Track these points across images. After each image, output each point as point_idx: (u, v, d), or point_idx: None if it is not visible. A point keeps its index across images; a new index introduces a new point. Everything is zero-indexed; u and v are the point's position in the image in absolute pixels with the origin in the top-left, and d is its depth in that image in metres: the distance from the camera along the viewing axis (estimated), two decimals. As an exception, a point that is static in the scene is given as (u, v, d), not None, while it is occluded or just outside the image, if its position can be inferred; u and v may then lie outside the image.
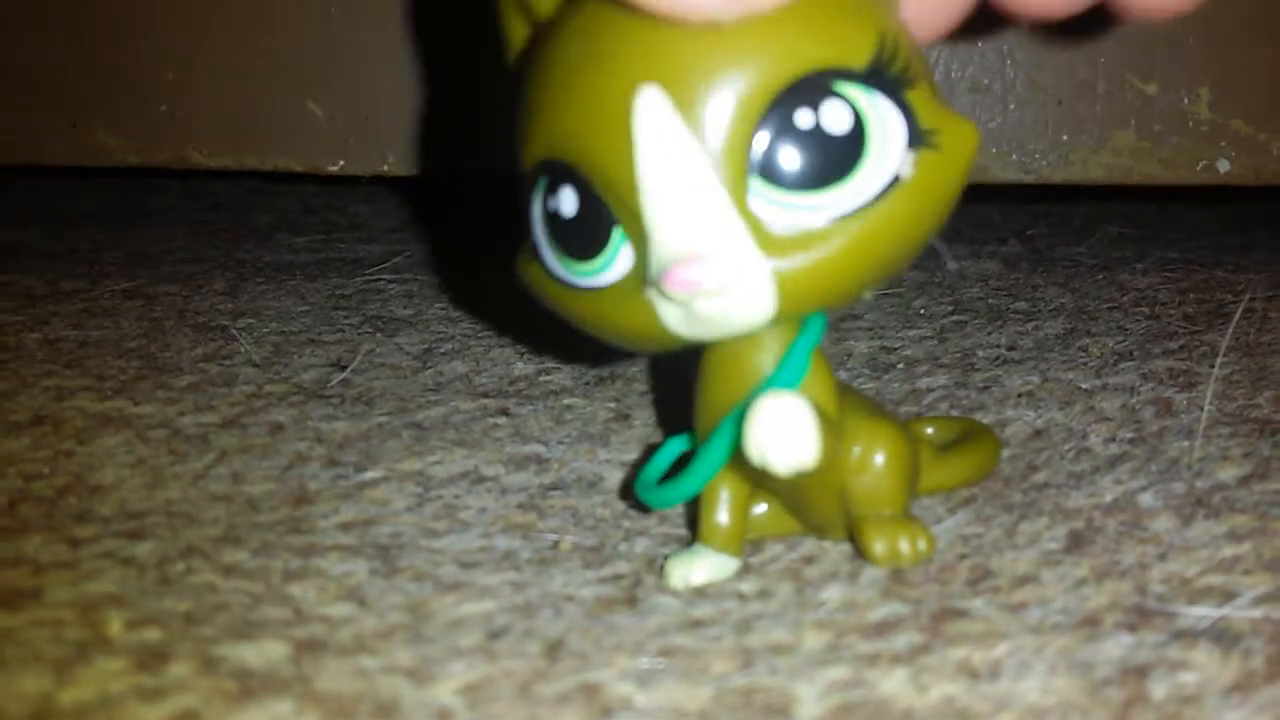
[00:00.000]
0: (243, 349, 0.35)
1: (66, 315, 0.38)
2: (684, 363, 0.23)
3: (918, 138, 0.20)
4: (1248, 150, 0.37)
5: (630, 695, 0.19)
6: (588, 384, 0.32)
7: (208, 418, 0.30)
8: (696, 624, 0.21)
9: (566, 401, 0.31)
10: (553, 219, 0.21)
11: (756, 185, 0.19)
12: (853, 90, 0.19)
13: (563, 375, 0.33)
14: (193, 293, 0.41)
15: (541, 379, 0.33)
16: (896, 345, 0.35)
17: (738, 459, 0.21)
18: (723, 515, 0.23)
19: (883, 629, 0.21)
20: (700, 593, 0.22)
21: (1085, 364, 0.32)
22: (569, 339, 0.35)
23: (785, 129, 0.19)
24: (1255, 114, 0.37)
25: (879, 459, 0.22)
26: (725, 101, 0.19)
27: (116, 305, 0.39)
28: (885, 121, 0.19)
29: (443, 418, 0.30)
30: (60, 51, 0.43)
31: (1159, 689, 0.19)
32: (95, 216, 0.53)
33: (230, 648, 0.20)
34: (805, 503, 0.23)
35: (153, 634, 0.21)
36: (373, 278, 0.42)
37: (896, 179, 0.20)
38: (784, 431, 0.19)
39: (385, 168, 0.42)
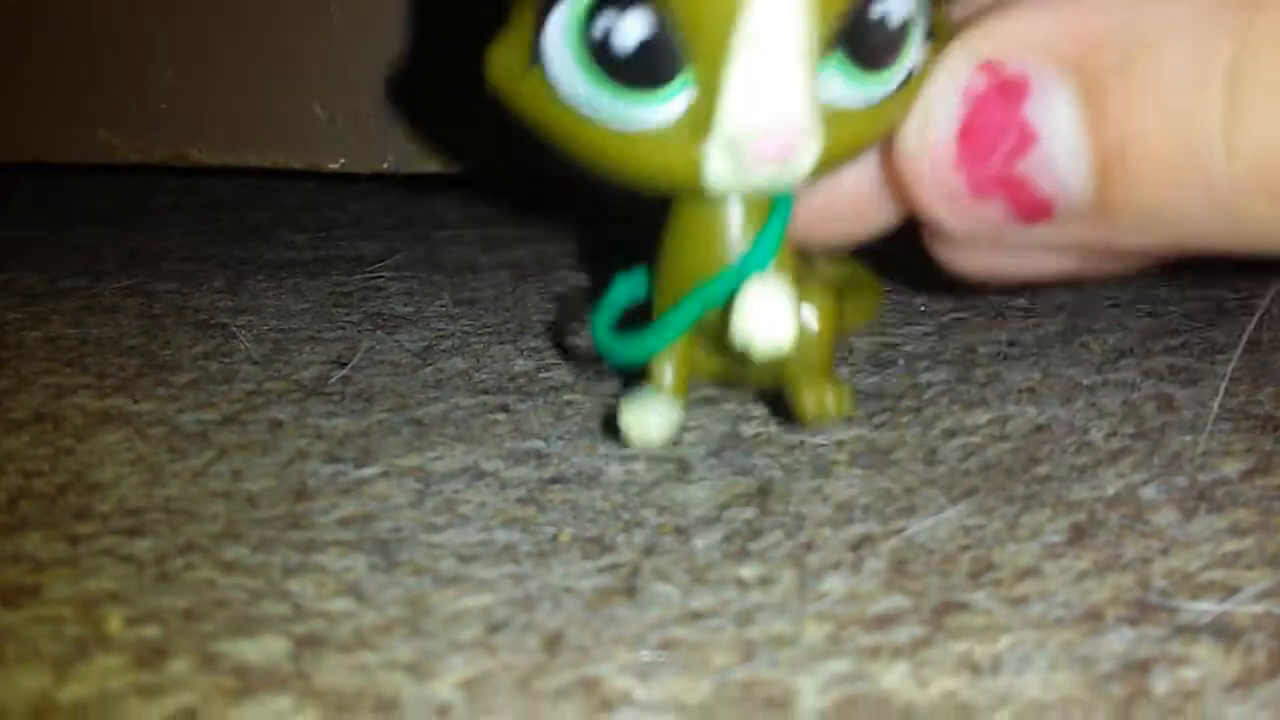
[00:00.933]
0: (242, 346, 0.35)
1: (66, 313, 0.38)
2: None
3: (931, 32, 0.21)
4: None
5: (630, 689, 0.19)
6: (588, 380, 0.32)
7: (207, 415, 0.30)
8: (696, 615, 0.21)
9: (566, 397, 0.31)
10: (600, 37, 0.20)
11: (833, 63, 0.20)
12: None
13: (563, 371, 0.33)
14: (192, 290, 0.41)
15: (541, 375, 0.33)
16: (898, 341, 0.35)
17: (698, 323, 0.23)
18: (670, 365, 0.25)
19: (884, 621, 0.21)
20: (700, 580, 0.22)
21: (1086, 360, 0.32)
22: (569, 335, 0.36)
23: (864, 16, 0.20)
24: None
25: (815, 325, 0.24)
26: None
27: (116, 303, 0.39)
28: (920, 18, 0.21)
29: (443, 414, 0.30)
30: (60, 49, 0.43)
31: (1161, 684, 0.19)
32: (95, 214, 0.53)
33: (230, 644, 0.20)
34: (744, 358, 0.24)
35: (152, 630, 0.21)
36: (373, 275, 0.42)
37: (911, 72, 0.21)
38: (771, 319, 0.21)
39: (385, 166, 0.42)
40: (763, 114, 0.20)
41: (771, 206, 0.23)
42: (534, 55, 0.20)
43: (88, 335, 0.36)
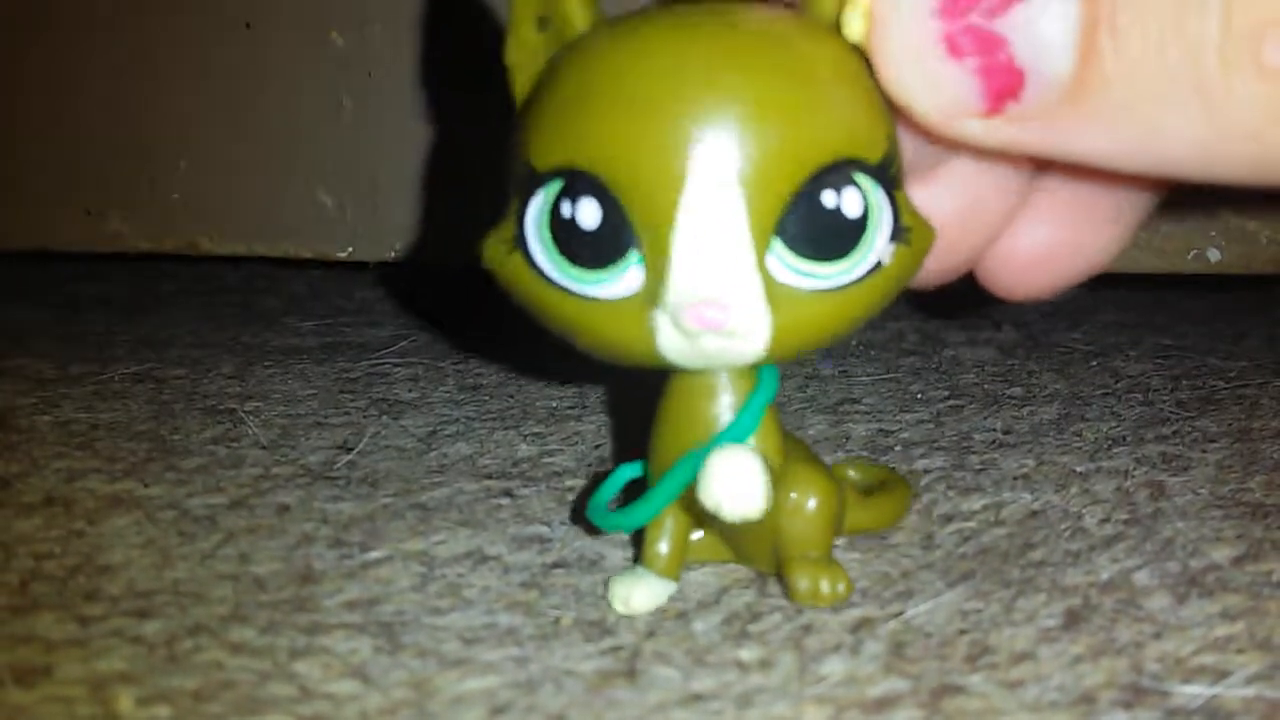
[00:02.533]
0: (250, 431, 0.35)
1: (77, 398, 0.39)
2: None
3: (898, 233, 0.22)
4: (1238, 239, 0.38)
5: (632, 771, 0.19)
6: (590, 466, 0.33)
7: (216, 499, 0.31)
8: (697, 698, 0.21)
9: (569, 483, 0.32)
10: (562, 224, 0.21)
11: (777, 246, 0.21)
12: (866, 182, 0.21)
13: (565, 457, 0.33)
14: (201, 376, 0.41)
15: (545, 460, 0.33)
16: (894, 428, 0.35)
17: (686, 495, 0.23)
18: (664, 543, 0.25)
19: (883, 705, 0.21)
20: (700, 662, 0.23)
21: (1080, 448, 0.33)
22: (571, 421, 0.36)
23: (813, 204, 0.21)
24: (1244, 204, 0.37)
25: (811, 505, 0.25)
26: (772, 166, 0.21)
27: (126, 388, 0.40)
28: (882, 214, 0.22)
29: (447, 499, 0.31)
30: (74, 140, 0.44)
31: (1155, 766, 0.19)
32: (106, 301, 0.53)
33: (237, 724, 0.21)
34: (740, 538, 0.26)
35: (162, 711, 0.21)
36: (379, 361, 0.43)
37: (878, 265, 0.22)
38: (737, 484, 0.22)
39: (392, 254, 0.43)
40: (699, 284, 0.21)
41: (756, 381, 0.24)
42: (516, 241, 0.22)
43: (98, 420, 0.36)
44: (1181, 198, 0.24)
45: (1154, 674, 0.22)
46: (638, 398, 0.25)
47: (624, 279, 0.21)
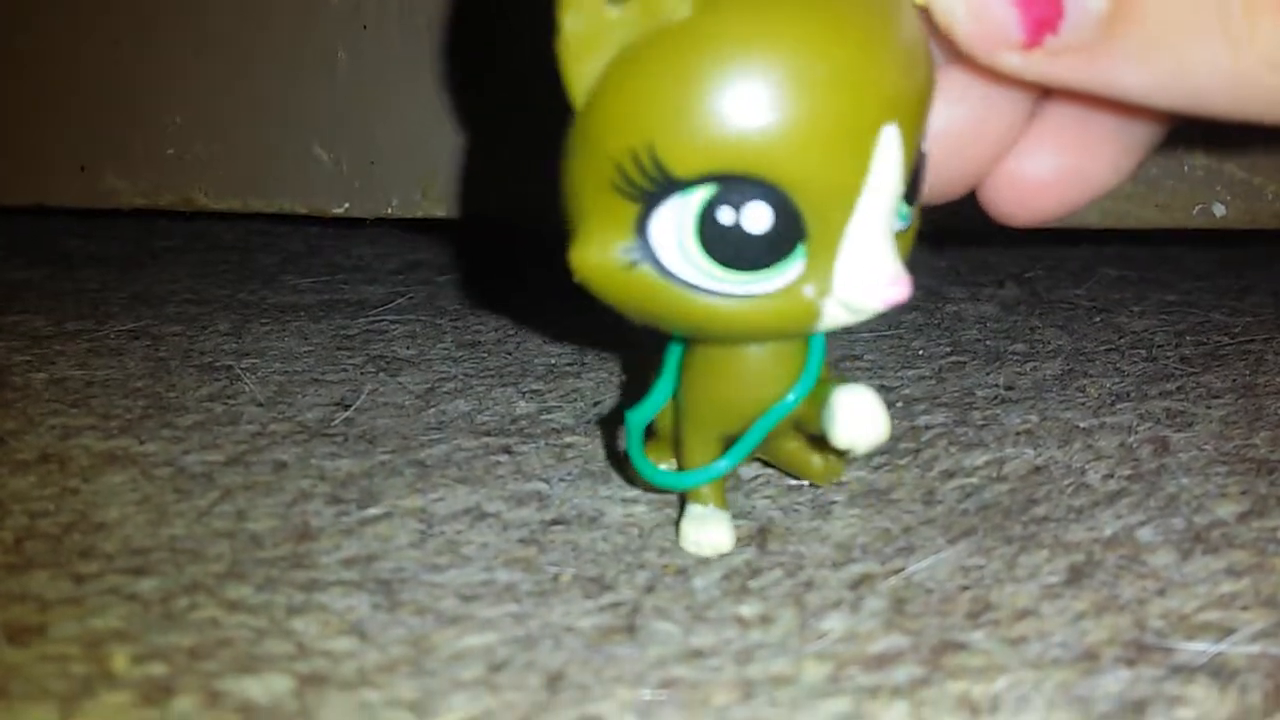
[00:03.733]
0: (247, 388, 0.35)
1: (73, 355, 0.38)
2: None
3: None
4: (1243, 194, 0.37)
5: (631, 728, 0.19)
6: (589, 423, 0.33)
7: (212, 456, 0.30)
8: (696, 654, 0.21)
9: (568, 440, 0.31)
10: (721, 230, 0.20)
11: (899, 205, 0.22)
12: None
13: (564, 414, 0.33)
14: (198, 333, 0.41)
15: (543, 418, 0.33)
16: (896, 384, 0.35)
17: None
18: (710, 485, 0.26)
19: (883, 661, 0.21)
20: (700, 618, 0.22)
21: (1083, 404, 0.33)
22: (570, 379, 0.36)
23: (919, 159, 0.22)
24: (1249, 159, 0.37)
25: None
26: (911, 146, 0.21)
27: (122, 345, 0.39)
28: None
29: (445, 456, 0.30)
30: (69, 95, 0.44)
31: (1158, 722, 0.19)
32: (102, 257, 0.53)
33: (234, 682, 0.21)
34: (760, 449, 0.26)
35: (158, 669, 0.21)
36: (376, 318, 0.43)
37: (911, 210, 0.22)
38: (870, 420, 0.22)
39: (389, 210, 0.43)
40: (878, 269, 0.21)
41: (808, 340, 0.24)
42: (638, 254, 0.21)
43: (94, 377, 0.36)
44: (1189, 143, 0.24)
45: (1158, 631, 0.21)
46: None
47: (788, 273, 0.21)
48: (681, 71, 0.19)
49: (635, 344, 0.24)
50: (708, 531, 0.25)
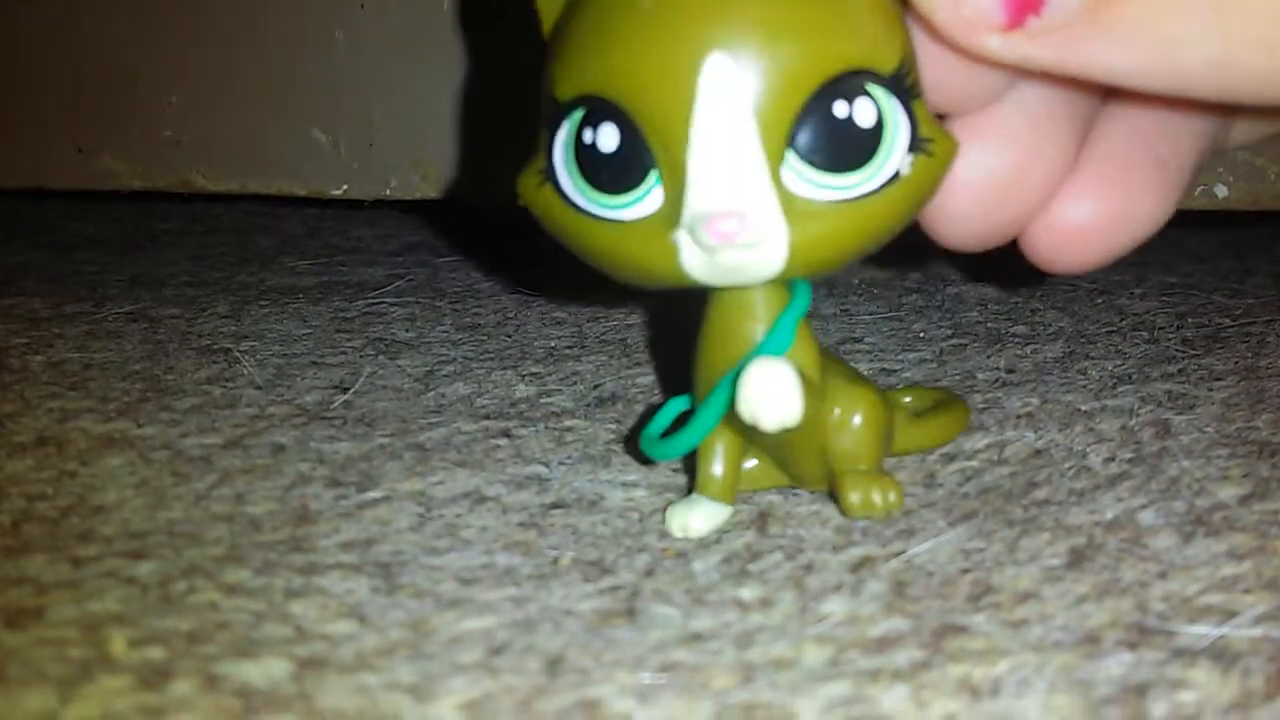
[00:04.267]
0: (245, 371, 0.35)
1: (70, 338, 0.38)
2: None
3: (917, 143, 0.22)
4: (1245, 176, 0.37)
5: (630, 711, 0.19)
6: (589, 406, 0.32)
7: (210, 439, 0.30)
8: (696, 637, 0.21)
9: (568, 423, 0.31)
10: (585, 150, 0.22)
11: (791, 159, 0.21)
12: (879, 92, 0.22)
13: (564, 397, 0.33)
14: (196, 315, 0.41)
15: (543, 401, 0.33)
16: (897, 367, 0.35)
17: (732, 417, 0.23)
18: (717, 467, 0.25)
19: (884, 644, 0.21)
20: (699, 601, 0.22)
21: (1084, 386, 0.33)
22: (569, 362, 0.36)
23: (824, 115, 0.21)
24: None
25: (856, 419, 0.25)
26: (780, 81, 0.21)
27: (120, 328, 0.39)
28: (897, 124, 0.22)
29: (444, 439, 0.30)
30: (66, 77, 0.43)
31: (1158, 707, 0.19)
32: (99, 240, 0.53)
33: (232, 666, 0.20)
34: (790, 458, 0.26)
35: (156, 652, 0.21)
36: (375, 301, 0.43)
37: (896, 175, 0.22)
38: (771, 393, 0.22)
39: (388, 192, 0.43)
40: (713, 197, 0.21)
41: (790, 297, 0.24)
42: (546, 173, 0.23)
43: (91, 360, 0.36)
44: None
45: (1159, 614, 0.21)
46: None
47: (645, 201, 0.22)
48: (574, 11, 0.22)
49: (638, 327, 0.24)
50: (691, 514, 0.25)
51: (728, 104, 0.21)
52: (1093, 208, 0.24)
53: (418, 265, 0.48)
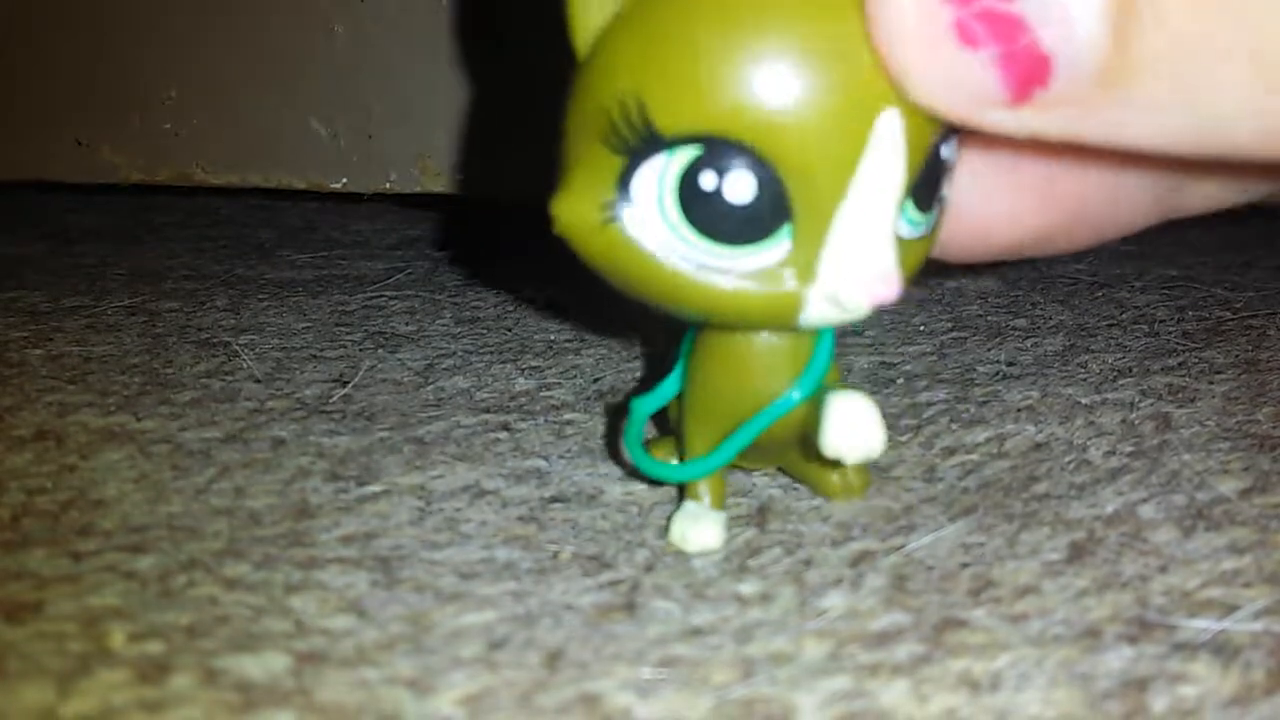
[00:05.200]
0: (245, 365, 0.35)
1: (70, 331, 0.38)
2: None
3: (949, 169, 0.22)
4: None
5: (630, 706, 0.19)
6: (588, 399, 0.32)
7: (210, 433, 0.30)
8: (696, 632, 0.21)
9: (567, 417, 0.31)
10: (702, 196, 0.20)
11: (907, 206, 0.21)
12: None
13: (564, 391, 0.33)
14: (195, 309, 0.41)
15: (542, 394, 0.33)
16: (896, 360, 0.35)
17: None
18: (715, 475, 0.25)
19: (884, 639, 0.21)
20: (699, 596, 0.22)
21: (1085, 380, 0.32)
22: (569, 355, 0.36)
23: (934, 161, 0.21)
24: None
25: None
26: (922, 133, 0.20)
27: (119, 321, 0.39)
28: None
29: (444, 433, 0.30)
30: (65, 69, 0.43)
31: (1159, 702, 0.19)
32: (99, 233, 0.53)
33: (232, 660, 0.20)
34: (762, 449, 0.25)
35: (155, 646, 0.21)
36: (374, 294, 0.42)
37: (944, 199, 0.22)
38: (860, 428, 0.21)
39: (388, 185, 0.42)
40: (867, 264, 0.20)
41: (816, 336, 0.23)
42: (614, 210, 0.20)
43: (91, 353, 0.36)
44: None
45: (1160, 608, 0.21)
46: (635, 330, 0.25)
47: (770, 253, 0.20)
48: (680, 26, 0.19)
49: (636, 322, 0.24)
50: (698, 529, 0.24)
51: (890, 165, 0.19)
52: (970, 198, 0.23)
53: (417, 259, 0.48)
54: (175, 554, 0.24)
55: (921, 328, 0.38)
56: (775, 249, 0.20)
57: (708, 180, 0.19)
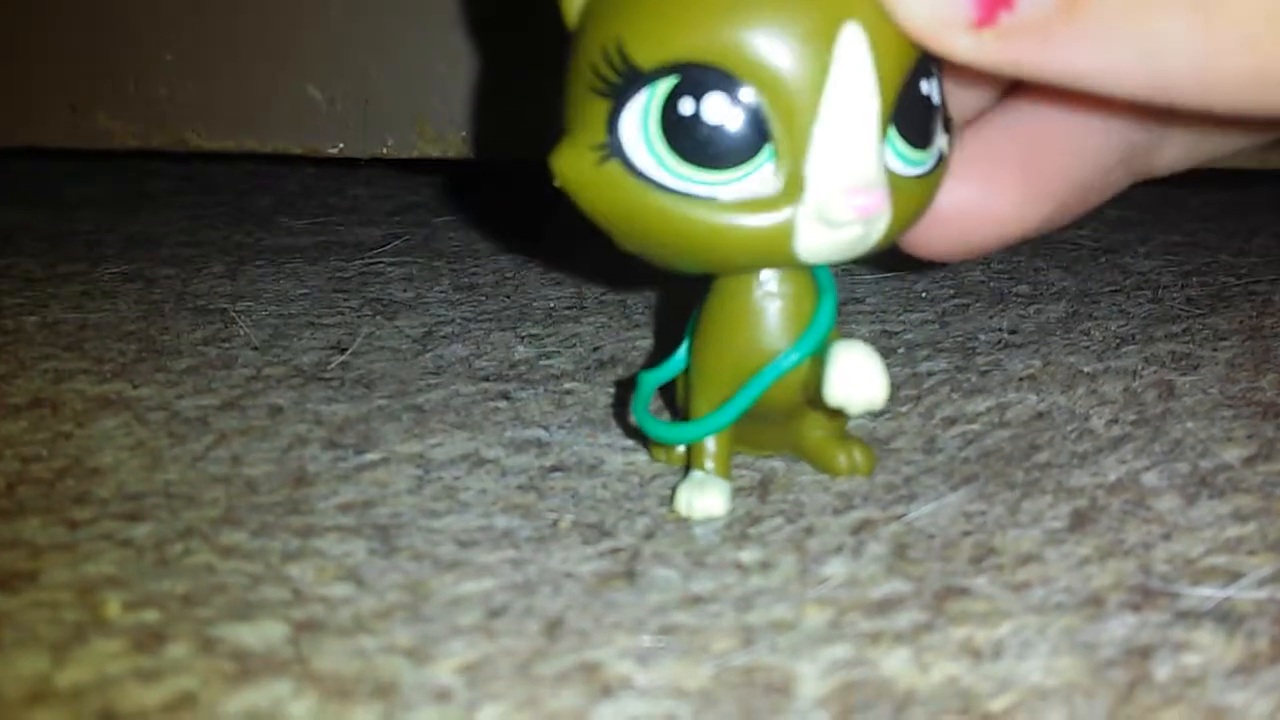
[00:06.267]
0: (242, 332, 0.35)
1: (65, 298, 0.38)
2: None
3: (948, 122, 0.23)
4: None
5: (630, 674, 0.19)
6: (588, 369, 0.32)
7: (207, 400, 0.30)
8: (696, 600, 0.21)
9: (567, 386, 0.31)
10: (682, 122, 0.20)
11: (891, 135, 0.21)
12: (935, 69, 0.22)
13: (563, 360, 0.33)
14: (192, 276, 0.40)
15: (542, 363, 0.33)
16: (898, 329, 0.35)
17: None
18: (713, 444, 0.25)
19: (885, 607, 0.21)
20: (700, 564, 0.22)
21: (1087, 347, 0.32)
22: (569, 323, 0.35)
23: (915, 92, 0.21)
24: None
25: None
26: (895, 56, 0.21)
27: (115, 288, 0.39)
28: (942, 104, 0.22)
29: (443, 401, 0.30)
30: (59, 34, 0.43)
31: (1162, 670, 0.19)
32: (94, 199, 0.52)
33: (228, 628, 0.20)
34: (762, 429, 0.26)
35: (151, 615, 0.21)
36: (372, 261, 0.42)
37: (942, 155, 0.22)
38: (864, 375, 0.22)
39: (384, 151, 0.42)
40: (850, 172, 0.21)
41: (819, 290, 0.23)
42: (608, 150, 0.21)
43: (86, 320, 0.36)
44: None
45: (1163, 576, 0.21)
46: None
47: (755, 177, 0.21)
48: None
49: (638, 287, 0.24)
50: (703, 497, 0.24)
51: (859, 78, 0.20)
52: (947, 197, 0.23)
53: (415, 224, 0.48)
54: (172, 522, 0.24)
55: (923, 295, 0.38)
56: (760, 175, 0.21)
57: (686, 106, 0.20)
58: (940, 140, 0.22)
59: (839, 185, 0.21)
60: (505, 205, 0.50)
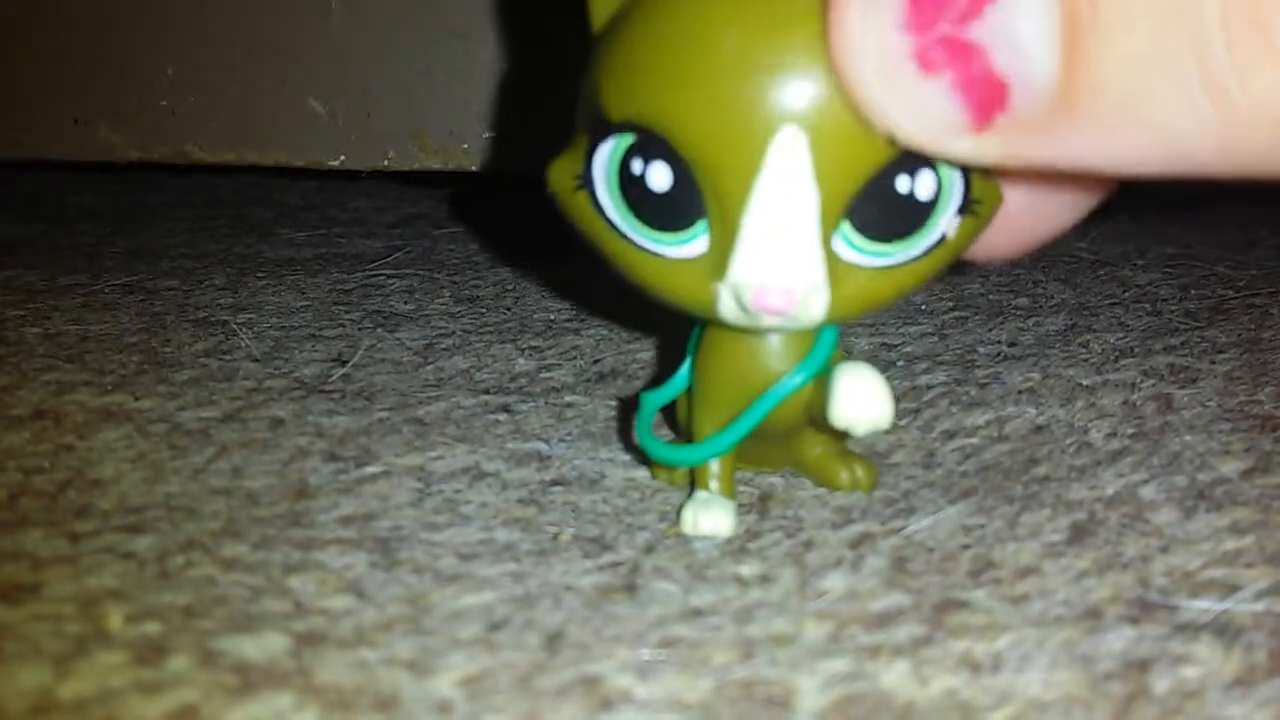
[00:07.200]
0: (243, 344, 0.35)
1: (67, 310, 0.38)
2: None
3: (966, 205, 0.21)
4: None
5: (630, 687, 0.19)
6: (589, 381, 0.32)
7: (208, 412, 0.30)
8: (696, 613, 0.21)
9: (568, 399, 0.31)
10: (632, 180, 0.21)
11: (844, 228, 0.21)
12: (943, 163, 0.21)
13: (564, 372, 0.33)
14: (193, 288, 0.41)
15: (543, 376, 0.33)
16: (897, 342, 0.35)
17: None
18: (717, 464, 0.25)
19: (884, 620, 0.21)
20: (700, 577, 0.22)
21: (1086, 360, 0.32)
22: (569, 335, 0.36)
23: (885, 191, 0.21)
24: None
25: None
26: (848, 158, 0.20)
27: (117, 300, 0.39)
28: (953, 191, 0.21)
29: (444, 413, 0.30)
30: (61, 48, 0.43)
31: (1161, 683, 0.19)
32: (96, 212, 0.53)
33: (230, 641, 0.20)
34: (763, 446, 0.26)
35: (152, 627, 0.21)
36: (373, 273, 0.42)
37: (943, 238, 0.22)
38: (868, 398, 0.22)
39: (385, 163, 0.42)
40: (765, 272, 0.21)
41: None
42: (582, 179, 0.22)
43: (88, 332, 0.36)
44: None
45: (1161, 588, 0.21)
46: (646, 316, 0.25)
47: (689, 245, 0.21)
48: (634, 15, 0.21)
49: (638, 299, 0.24)
50: (709, 516, 0.24)
51: (793, 179, 0.20)
52: (1014, 192, 0.23)
53: (416, 237, 0.48)
54: (173, 534, 0.24)
55: (923, 307, 0.38)
56: (695, 243, 0.21)
57: (637, 165, 0.21)
58: (943, 226, 0.21)
59: (754, 280, 0.21)
60: (505, 217, 0.50)
